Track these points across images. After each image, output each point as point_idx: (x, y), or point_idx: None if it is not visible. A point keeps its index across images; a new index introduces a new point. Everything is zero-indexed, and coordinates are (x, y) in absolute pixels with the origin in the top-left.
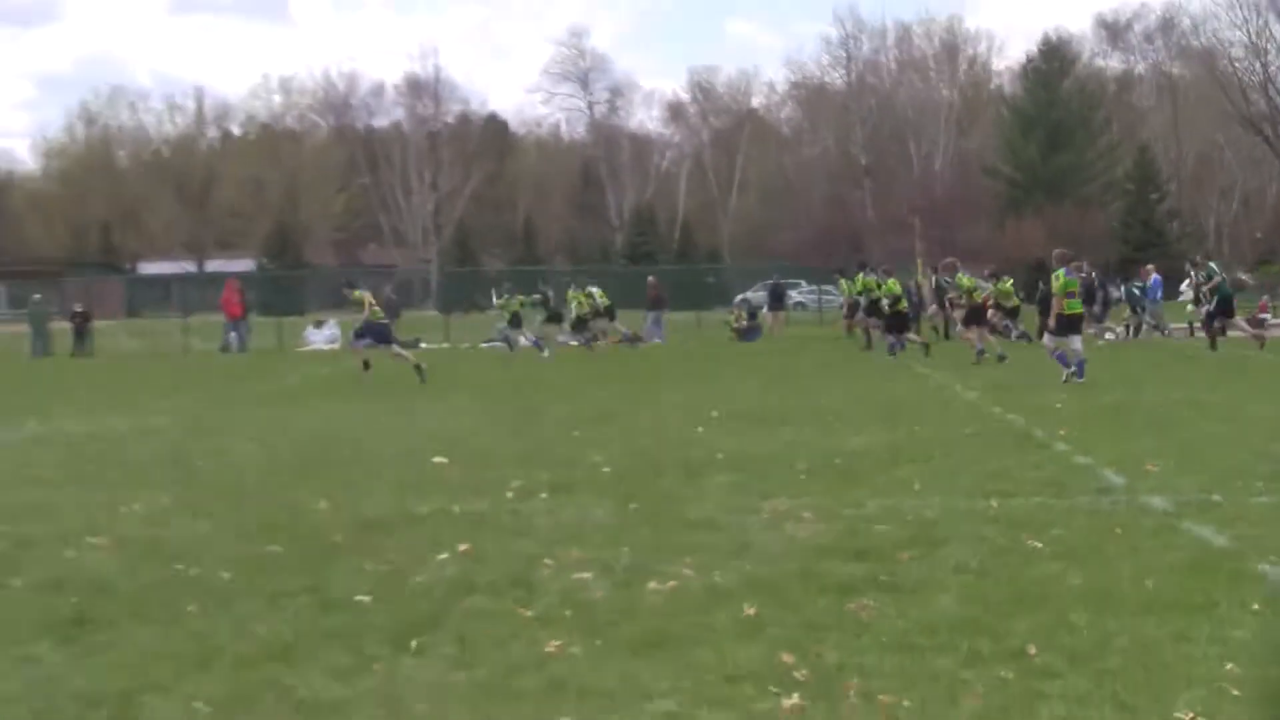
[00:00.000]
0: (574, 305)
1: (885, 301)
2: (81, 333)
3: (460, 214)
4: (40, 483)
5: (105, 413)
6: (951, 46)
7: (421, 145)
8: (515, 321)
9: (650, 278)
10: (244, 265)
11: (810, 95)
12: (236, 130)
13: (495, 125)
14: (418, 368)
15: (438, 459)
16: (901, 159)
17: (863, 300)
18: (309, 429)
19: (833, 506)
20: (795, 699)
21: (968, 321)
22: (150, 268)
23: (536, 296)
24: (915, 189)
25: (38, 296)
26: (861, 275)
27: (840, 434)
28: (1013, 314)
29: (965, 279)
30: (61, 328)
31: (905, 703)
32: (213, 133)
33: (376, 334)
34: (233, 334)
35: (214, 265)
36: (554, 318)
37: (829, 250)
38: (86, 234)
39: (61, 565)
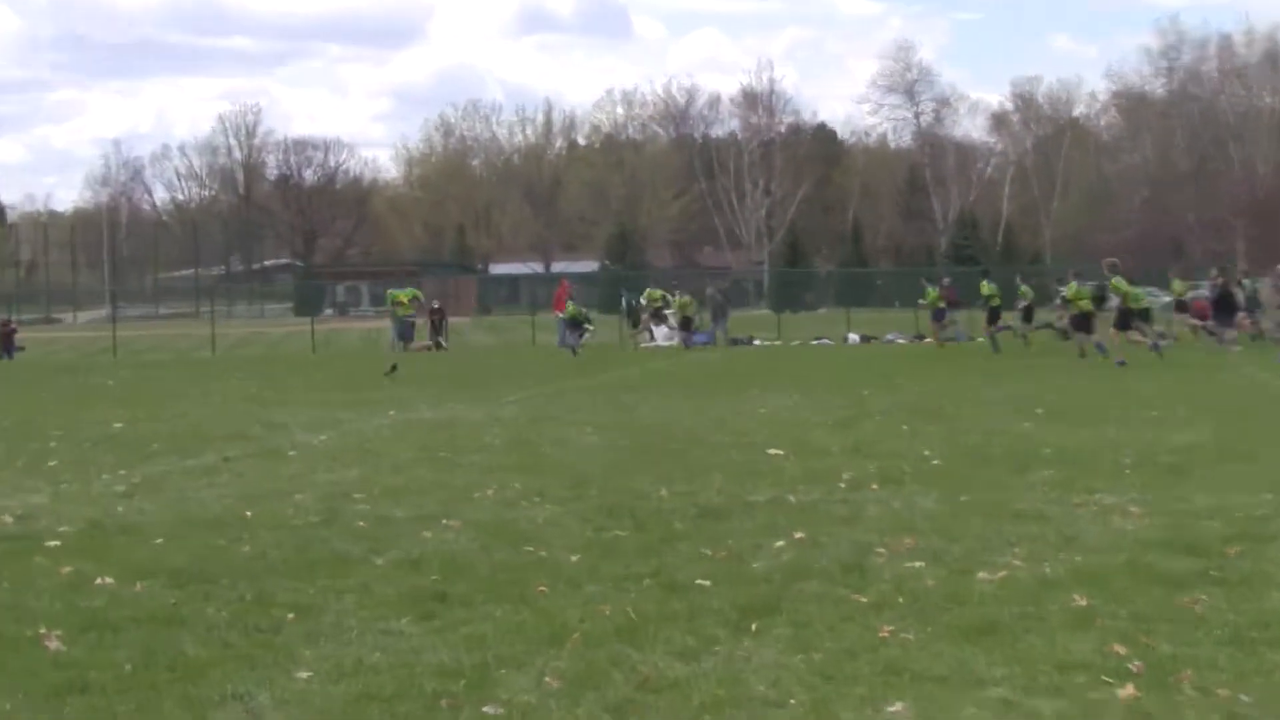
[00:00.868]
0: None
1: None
2: (438, 328)
3: (791, 217)
4: (399, 468)
5: (459, 403)
6: (1273, 54)
7: (755, 153)
8: (685, 324)
9: (945, 279)
10: (587, 266)
11: (1131, 104)
12: (582, 140)
13: (825, 134)
14: (431, 346)
15: (772, 450)
16: (1222, 163)
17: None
18: (648, 420)
19: (1159, 501)
20: (1130, 689)
21: (1077, 327)
22: (500, 268)
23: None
24: (1238, 192)
25: (399, 291)
26: (1075, 284)
27: (1163, 430)
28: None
29: (1073, 287)
30: (420, 323)
31: (1243, 697)
32: (560, 142)
33: (401, 332)
34: (570, 332)
35: (559, 265)
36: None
37: (1149, 252)
38: (442, 236)
39: (420, 545)
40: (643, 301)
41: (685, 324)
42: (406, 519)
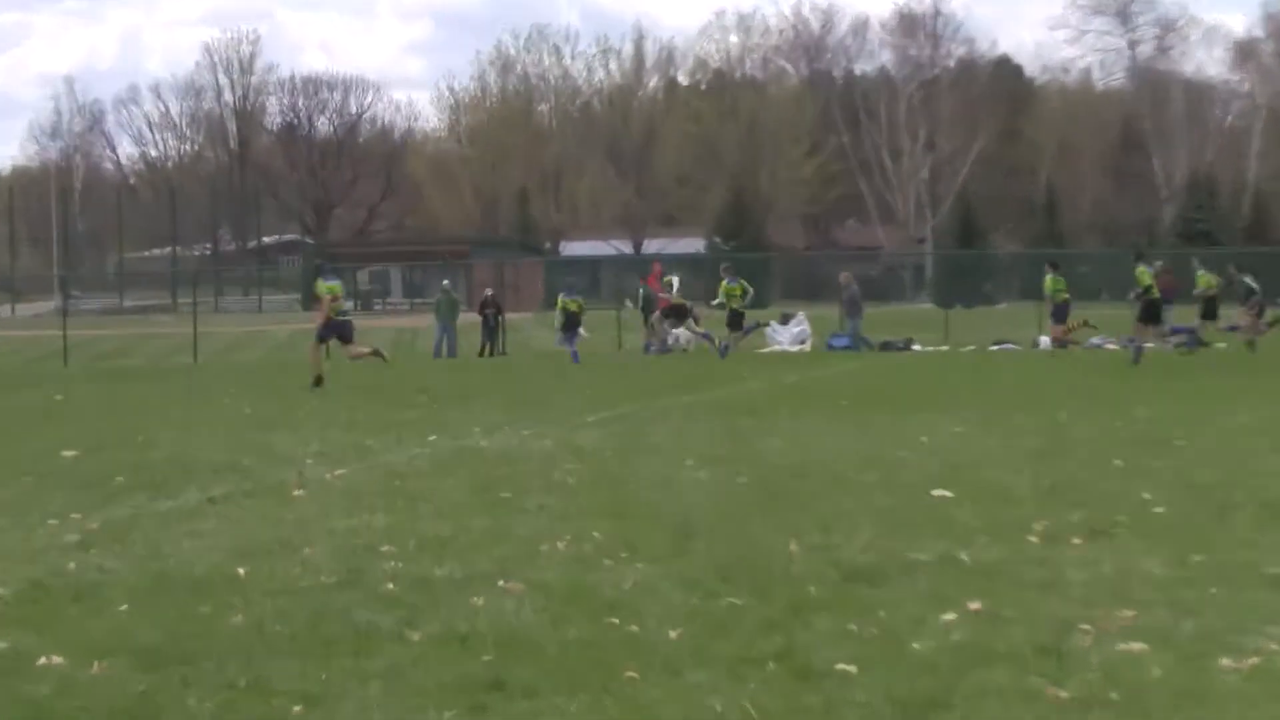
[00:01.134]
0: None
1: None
2: (492, 327)
3: (963, 182)
4: (442, 513)
5: (522, 426)
6: None
7: (914, 97)
8: (735, 319)
9: (1156, 262)
10: (690, 245)
11: None
12: (683, 79)
13: (1008, 71)
14: (377, 353)
15: (938, 491)
16: None
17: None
18: (773, 451)
19: None
20: None
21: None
22: (576, 247)
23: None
24: None
25: (447, 283)
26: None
27: None
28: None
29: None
30: (470, 321)
31: None
32: (654, 82)
33: (337, 331)
34: (672, 332)
35: (653, 245)
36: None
37: None
38: (498, 206)
39: (469, 614)
40: (670, 294)
41: (735, 320)
42: (451, 580)
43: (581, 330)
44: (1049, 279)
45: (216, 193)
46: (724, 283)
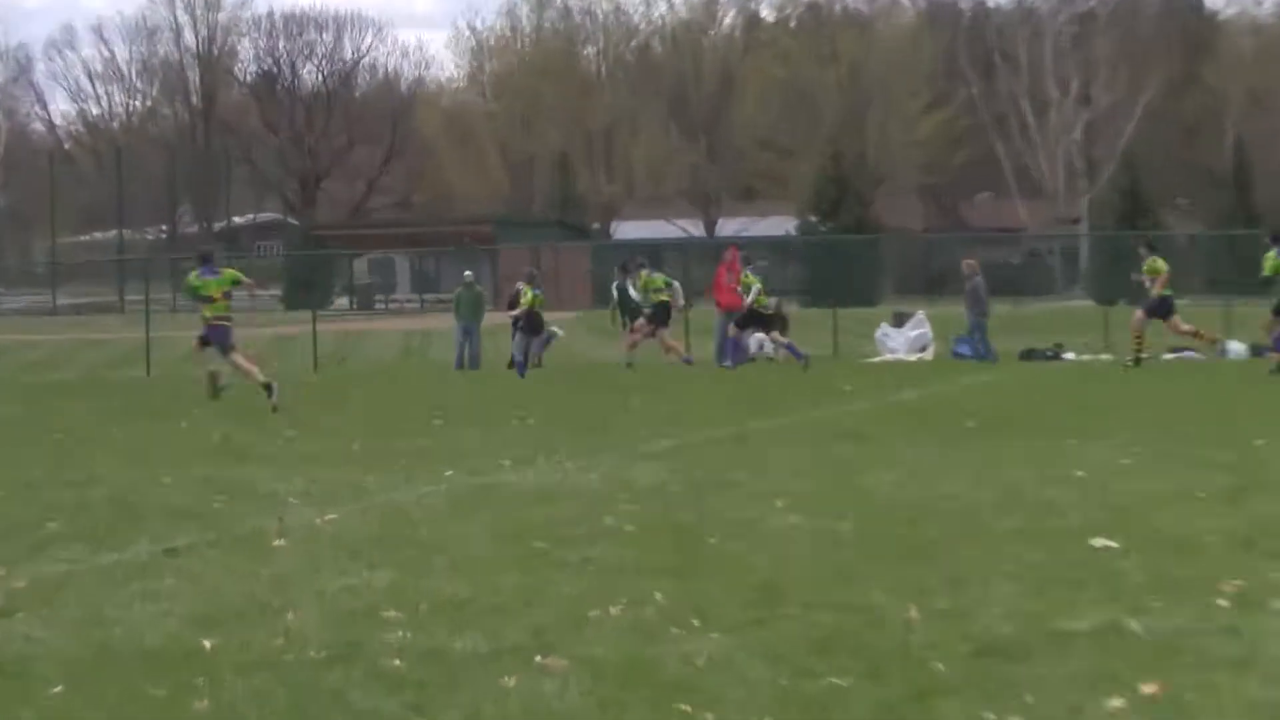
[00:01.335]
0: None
1: None
2: (530, 329)
3: (1127, 142)
4: (460, 567)
5: (564, 456)
6: None
7: (1065, 35)
8: (751, 320)
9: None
10: (778, 226)
11: None
12: (767, 14)
13: (1183, 3)
14: (267, 387)
15: (1099, 541)
16: None
17: None
18: (883, 488)
19: None
20: None
21: None
22: (631, 228)
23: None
24: None
25: (469, 275)
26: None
27: None
28: None
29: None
30: (498, 324)
31: None
32: (730, 18)
33: (215, 336)
34: (755, 337)
35: (731, 226)
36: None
37: None
38: (532, 175)
39: (497, 698)
40: (633, 293)
41: (752, 320)
42: (474, 655)
43: (556, 329)
44: (1151, 262)
45: (175, 161)
46: (745, 273)
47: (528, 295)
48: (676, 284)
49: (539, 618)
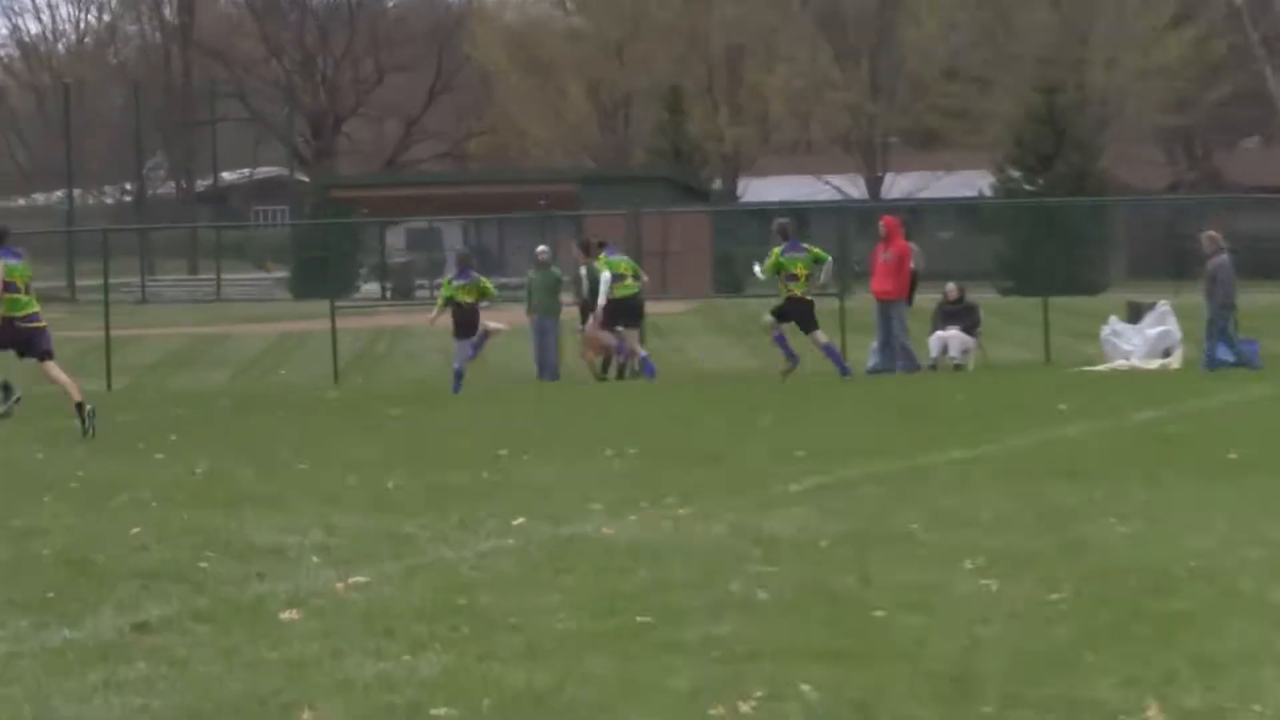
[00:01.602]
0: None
1: None
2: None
3: None
4: (537, 648)
5: (673, 497)
6: None
7: None
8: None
9: None
10: (967, 185)
11: None
12: None
13: None
14: (80, 409)
15: None
16: None
17: None
18: (1114, 539)
19: None
20: None
21: None
22: (766, 186)
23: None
24: None
25: (544, 251)
26: None
27: None
28: None
29: None
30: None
31: None
32: None
33: (17, 343)
34: (938, 335)
35: (902, 184)
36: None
37: None
38: (629, 116)
39: None
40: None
41: (794, 312)
42: None
43: (494, 325)
44: None
45: (141, 98)
46: (776, 251)
47: (458, 290)
48: (828, 260)
49: (645, 716)
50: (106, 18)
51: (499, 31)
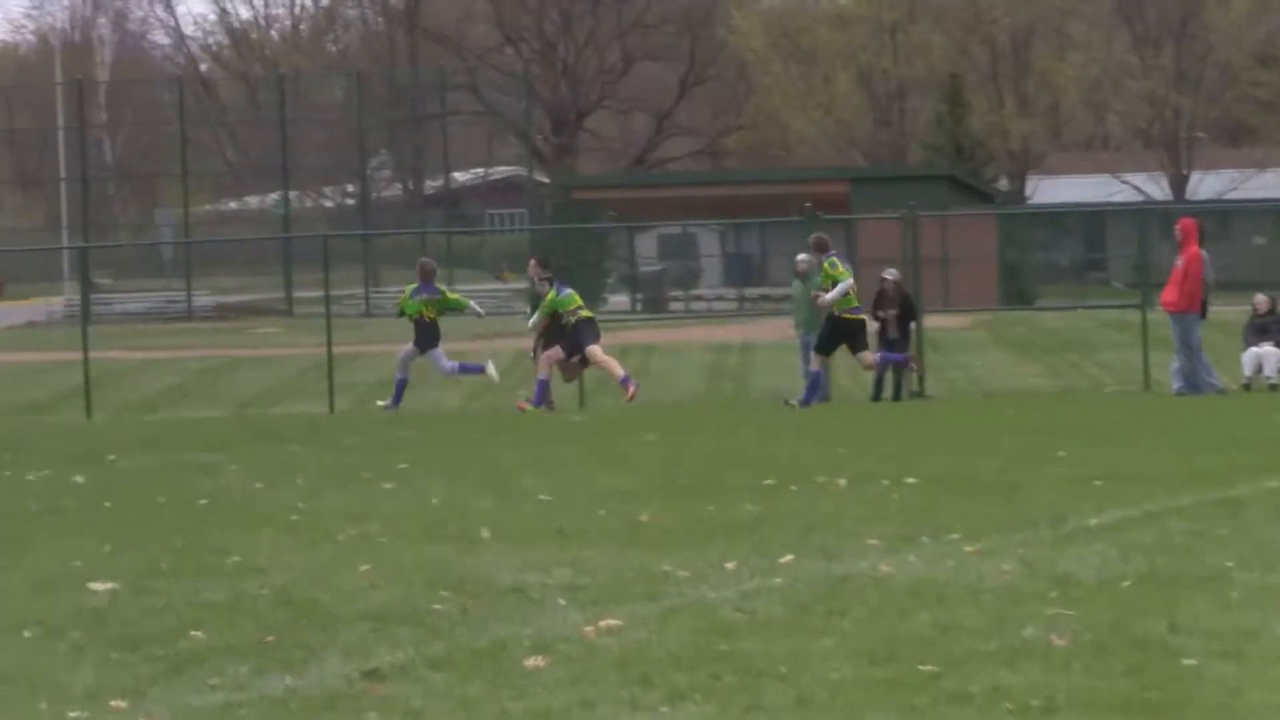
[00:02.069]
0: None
1: None
2: (894, 340)
3: None
4: (810, 702)
5: (953, 530)
6: None
7: None
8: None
9: None
10: None
11: None
12: None
13: None
14: None
15: None
16: None
17: None
18: None
19: None
20: None
21: None
22: (1058, 187)
23: None
24: None
25: (805, 260)
26: None
27: None
28: None
29: None
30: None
31: None
32: None
33: None
34: (1252, 351)
35: (1210, 185)
36: None
37: None
38: (904, 108)
39: None
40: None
41: (841, 334)
42: None
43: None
44: None
45: (366, 90)
46: (826, 264)
47: (414, 305)
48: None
49: None
50: (325, 2)
51: (759, 16)
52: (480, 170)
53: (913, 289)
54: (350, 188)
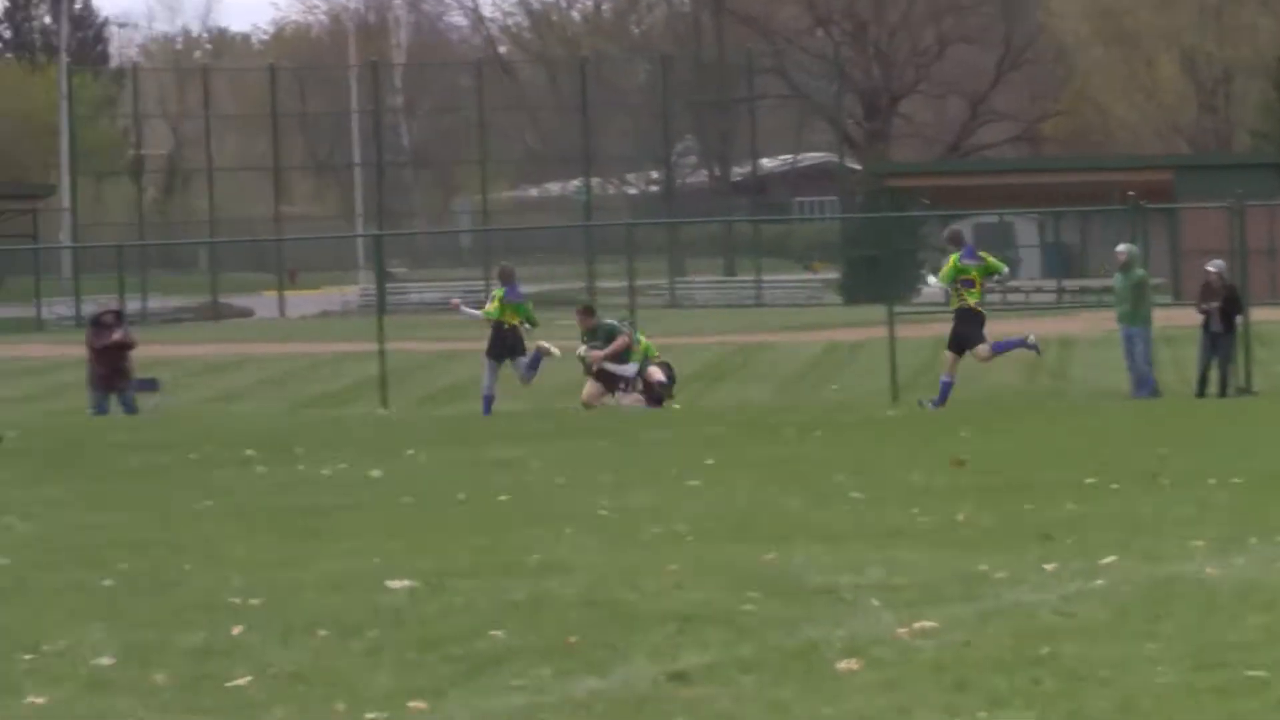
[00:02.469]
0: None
1: None
2: (1215, 334)
3: None
4: (1129, 704)
5: (1277, 536)
6: None
7: None
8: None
9: None
10: None
11: None
12: None
13: None
14: None
15: None
16: None
17: None
18: None
19: None
20: None
21: None
22: None
23: None
24: None
25: (1126, 250)
26: None
27: None
28: None
29: None
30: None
31: None
32: None
33: None
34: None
35: None
36: None
37: None
38: (1228, 95)
39: None
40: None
41: (969, 326)
42: None
43: (549, 346)
44: None
45: (670, 74)
46: (954, 257)
47: (495, 303)
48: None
49: None
50: None
51: None
52: (789, 156)
53: (1239, 281)
54: (654, 174)
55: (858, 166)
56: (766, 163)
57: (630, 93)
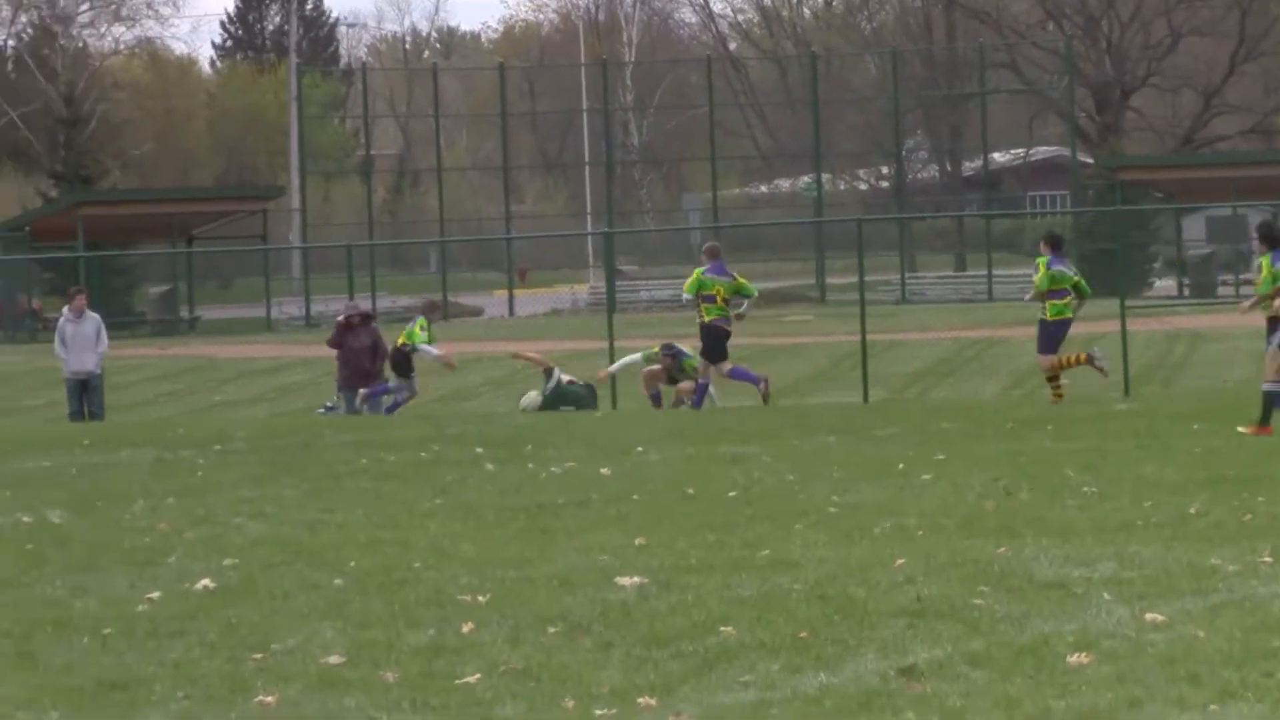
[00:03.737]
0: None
1: None
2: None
3: None
4: None
5: None
6: None
7: None
8: None
9: None
10: None
11: None
12: None
13: None
14: None
15: None
16: None
17: None
18: None
19: None
20: None
21: None
22: None
23: None
24: None
25: None
26: None
27: None
28: None
29: None
30: None
31: None
32: None
33: None
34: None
35: None
36: None
37: None
38: None
39: None
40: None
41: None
42: None
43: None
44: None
45: (901, 69)
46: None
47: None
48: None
49: None
50: None
51: None
52: (1020, 151)
53: None
54: (885, 170)
55: (1089, 160)
56: (998, 157)
57: (861, 88)
